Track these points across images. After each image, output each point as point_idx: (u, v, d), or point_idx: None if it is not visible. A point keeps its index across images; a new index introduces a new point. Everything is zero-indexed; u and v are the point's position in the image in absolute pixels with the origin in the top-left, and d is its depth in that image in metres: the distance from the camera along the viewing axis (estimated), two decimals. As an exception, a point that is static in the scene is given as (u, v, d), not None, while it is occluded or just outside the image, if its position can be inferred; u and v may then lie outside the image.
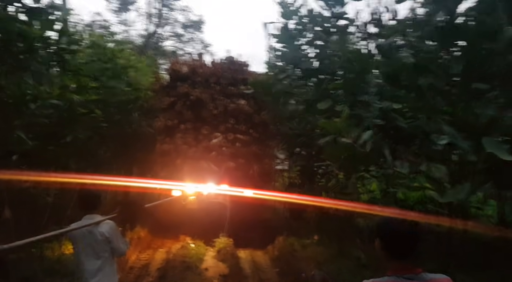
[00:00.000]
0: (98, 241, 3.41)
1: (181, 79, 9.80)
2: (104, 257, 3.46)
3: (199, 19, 25.49)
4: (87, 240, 3.42)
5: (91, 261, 3.43)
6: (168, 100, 9.60)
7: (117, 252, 3.56)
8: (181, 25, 25.59)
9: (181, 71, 9.93)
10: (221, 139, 9.38)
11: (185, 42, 25.84)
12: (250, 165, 9.45)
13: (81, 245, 3.44)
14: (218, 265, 7.16)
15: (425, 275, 1.77)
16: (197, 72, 9.94)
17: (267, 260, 8.18)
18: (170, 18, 25.38)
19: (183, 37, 25.85)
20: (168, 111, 9.60)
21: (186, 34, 25.86)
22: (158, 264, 7.29)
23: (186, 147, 9.26)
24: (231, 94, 9.81)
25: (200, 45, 25.71)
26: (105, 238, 3.42)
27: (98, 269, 3.43)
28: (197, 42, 25.91)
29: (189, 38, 25.85)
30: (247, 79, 10.08)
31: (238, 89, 9.86)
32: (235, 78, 10.05)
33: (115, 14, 23.64)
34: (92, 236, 3.40)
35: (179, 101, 9.59)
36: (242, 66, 10.35)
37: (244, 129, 9.63)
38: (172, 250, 7.99)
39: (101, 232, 3.40)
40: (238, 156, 9.38)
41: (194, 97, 9.49)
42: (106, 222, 3.45)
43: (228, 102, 9.62)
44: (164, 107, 9.58)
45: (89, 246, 3.42)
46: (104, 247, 3.44)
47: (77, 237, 3.45)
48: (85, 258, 3.43)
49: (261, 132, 9.81)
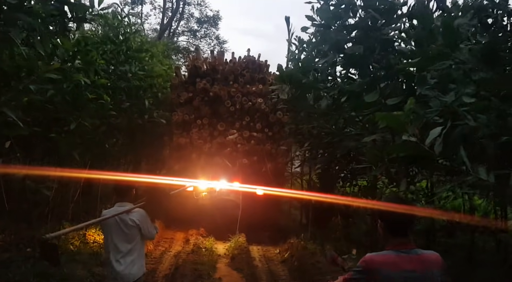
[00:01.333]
0: (129, 227, 3.56)
1: (200, 75, 9.42)
2: (134, 241, 3.61)
3: (215, 14, 24.11)
4: (119, 226, 3.56)
5: (122, 245, 3.57)
6: (186, 95, 9.24)
7: (146, 236, 3.75)
8: (196, 19, 24.25)
9: (202, 68, 9.55)
10: (237, 136, 9.00)
11: (200, 38, 24.48)
12: (264, 164, 9.08)
13: (113, 230, 3.57)
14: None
15: (417, 250, 2.01)
16: (216, 69, 9.59)
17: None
18: (186, 13, 24.08)
19: (198, 33, 24.49)
20: (186, 105, 9.26)
21: (201, 30, 24.51)
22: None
23: (201, 142, 8.95)
24: (248, 92, 9.46)
25: (215, 41, 24.40)
26: (136, 225, 3.57)
27: (129, 252, 3.58)
28: (212, 38, 24.55)
29: (204, 34, 24.48)
30: (265, 79, 9.73)
31: (256, 87, 9.48)
32: (253, 77, 9.70)
33: (129, 6, 22.57)
34: (123, 222, 3.55)
35: (197, 97, 9.24)
36: (261, 66, 9.99)
37: (259, 127, 9.28)
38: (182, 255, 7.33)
39: (132, 219, 3.56)
40: (252, 154, 9.05)
41: (213, 93, 9.10)
42: (136, 210, 3.62)
43: (245, 100, 9.25)
44: (181, 101, 9.19)
45: (121, 232, 3.57)
46: (135, 232, 3.60)
47: (109, 224, 3.58)
48: (117, 242, 3.56)
49: (276, 131, 9.47)
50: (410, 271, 1.92)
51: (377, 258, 2.01)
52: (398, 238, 2.01)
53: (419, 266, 1.94)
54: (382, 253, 2.02)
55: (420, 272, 1.93)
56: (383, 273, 1.93)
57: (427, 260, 1.98)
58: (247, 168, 8.83)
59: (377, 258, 2.01)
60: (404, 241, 2.00)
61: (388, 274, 1.92)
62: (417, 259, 1.97)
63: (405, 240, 2.01)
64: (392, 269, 1.93)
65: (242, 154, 8.98)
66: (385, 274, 1.93)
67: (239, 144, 9.01)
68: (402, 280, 1.91)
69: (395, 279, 1.91)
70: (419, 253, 1.99)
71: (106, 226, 3.63)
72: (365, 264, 2.01)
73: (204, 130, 9.15)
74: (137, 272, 3.63)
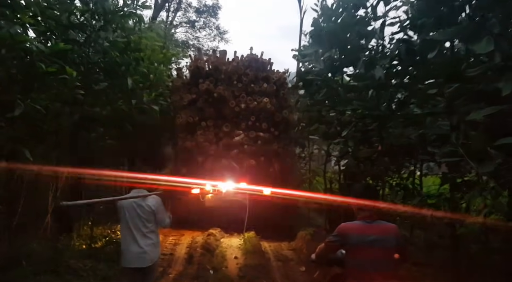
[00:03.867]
0: (145, 212, 3.70)
1: (203, 76, 9.20)
2: (149, 227, 3.73)
3: (214, 3, 22.77)
4: (135, 211, 3.69)
5: (139, 229, 3.69)
6: (190, 97, 9.01)
7: (161, 223, 3.85)
8: (194, 9, 22.86)
9: (204, 68, 9.32)
10: (243, 137, 8.81)
11: (199, 28, 23.10)
12: (271, 164, 8.88)
13: (130, 214, 3.70)
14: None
15: (380, 221, 2.70)
16: (220, 69, 9.34)
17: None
18: (183, 2, 22.68)
19: (197, 24, 23.07)
20: (189, 107, 9.02)
21: (200, 20, 23.09)
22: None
23: (207, 145, 8.71)
24: (253, 91, 9.22)
25: (215, 32, 23.05)
26: (152, 210, 3.71)
27: (145, 237, 3.69)
28: (212, 28, 23.12)
29: (203, 25, 23.07)
30: (269, 77, 9.49)
31: (260, 86, 9.25)
32: (257, 76, 9.45)
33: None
34: (140, 207, 3.69)
35: (200, 98, 9.01)
36: (265, 64, 9.74)
37: (265, 127, 9.06)
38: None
39: (148, 204, 3.70)
40: (259, 155, 8.83)
41: (217, 94, 8.89)
42: (152, 197, 3.77)
43: (250, 99, 9.03)
44: (185, 103, 8.99)
45: (137, 216, 3.69)
46: (150, 218, 3.73)
47: (125, 207, 3.70)
48: (132, 226, 3.68)
49: (282, 131, 9.26)
50: (372, 235, 2.61)
51: (348, 225, 2.71)
52: (364, 212, 2.71)
53: (378, 232, 2.63)
54: (352, 222, 2.74)
55: (379, 236, 2.61)
56: (352, 236, 2.64)
57: (385, 228, 2.68)
58: (255, 169, 8.64)
59: (348, 225, 2.71)
60: (368, 215, 2.69)
61: (355, 237, 2.63)
62: (377, 227, 2.66)
63: (369, 213, 2.69)
64: (358, 233, 2.63)
65: (249, 155, 8.74)
66: (354, 237, 2.63)
67: (245, 145, 8.79)
68: (366, 241, 2.60)
69: (360, 240, 2.61)
70: (380, 223, 2.69)
71: (123, 210, 3.74)
72: (340, 230, 2.71)
73: (209, 132, 8.88)
74: (153, 256, 3.74)
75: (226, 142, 8.80)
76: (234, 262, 6.28)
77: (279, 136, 9.18)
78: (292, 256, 6.98)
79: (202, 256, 6.36)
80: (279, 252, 7.30)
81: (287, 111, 9.16)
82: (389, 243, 2.61)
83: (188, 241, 7.72)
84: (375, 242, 2.58)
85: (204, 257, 6.32)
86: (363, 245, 2.59)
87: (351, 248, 2.65)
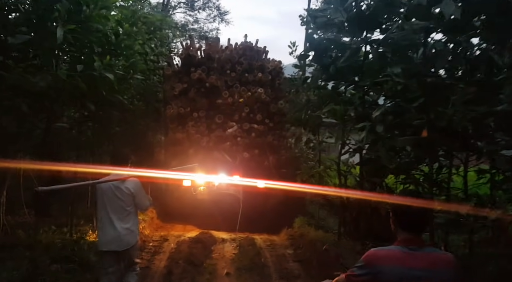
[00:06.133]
0: (124, 194, 3.63)
1: (195, 64, 8.76)
2: (128, 210, 3.67)
3: None
4: (114, 193, 3.62)
5: (116, 212, 3.63)
6: (181, 86, 8.58)
7: (140, 206, 3.83)
8: None
9: (196, 56, 8.89)
10: (236, 129, 8.43)
11: (198, 9, 21.87)
12: (266, 157, 8.53)
13: (108, 197, 3.63)
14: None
15: (428, 248, 1.86)
16: (212, 58, 8.90)
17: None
18: None
19: (196, 4, 21.89)
20: (180, 98, 8.60)
21: (199, 0, 21.86)
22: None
23: (199, 137, 8.32)
24: (247, 81, 8.81)
25: (215, 12, 21.87)
26: (131, 193, 3.65)
27: (123, 219, 3.64)
28: (212, 8, 21.90)
29: (203, 4, 21.87)
30: (264, 66, 9.07)
31: (254, 76, 8.84)
32: (251, 65, 9.02)
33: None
34: (118, 190, 3.62)
35: (192, 88, 8.58)
36: (260, 53, 9.31)
37: (260, 118, 8.67)
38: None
39: (127, 187, 3.64)
40: (253, 147, 8.47)
41: (209, 84, 8.48)
42: (131, 179, 3.68)
43: (244, 90, 8.62)
44: (176, 93, 8.57)
45: (116, 198, 3.63)
46: (129, 201, 3.67)
47: (104, 189, 3.64)
48: (110, 209, 3.63)
49: (277, 122, 8.89)
50: (416, 269, 1.78)
51: (381, 253, 1.88)
52: (407, 233, 1.89)
53: (425, 264, 1.79)
54: (387, 248, 1.89)
55: (426, 270, 1.78)
56: (386, 269, 1.81)
57: (436, 259, 1.84)
58: (249, 162, 8.31)
59: (380, 253, 1.88)
60: (413, 238, 1.87)
61: (392, 270, 1.80)
62: (425, 257, 1.82)
63: (414, 236, 1.87)
64: (397, 265, 1.80)
65: (243, 147, 8.38)
66: (388, 270, 1.80)
67: (239, 137, 8.41)
68: (406, 277, 1.78)
69: (398, 275, 1.78)
70: (428, 252, 1.85)
71: (100, 192, 3.68)
72: (368, 259, 1.88)
73: (201, 123, 8.47)
74: (132, 239, 3.71)
75: (219, 134, 8.42)
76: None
77: (274, 127, 8.82)
78: (298, 270, 5.49)
79: (184, 273, 5.09)
80: (283, 264, 5.78)
81: (283, 102, 8.78)
82: (442, 281, 1.81)
83: (171, 248, 6.44)
84: (421, 280, 1.78)
85: (187, 274, 5.05)
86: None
87: None
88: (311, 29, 5.17)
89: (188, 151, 8.28)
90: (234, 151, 8.32)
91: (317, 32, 5.11)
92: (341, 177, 6.35)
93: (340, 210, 6.51)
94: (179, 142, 8.36)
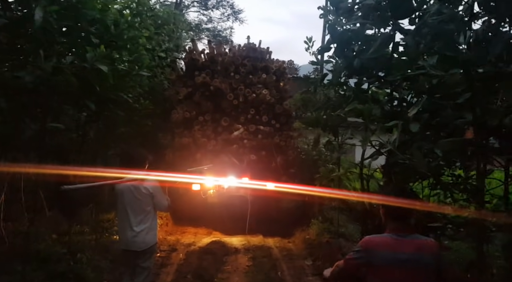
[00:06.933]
0: (143, 195, 3.66)
1: (199, 68, 8.73)
2: (147, 211, 3.70)
3: None
4: (132, 194, 3.65)
5: (136, 212, 3.66)
6: (185, 91, 8.56)
7: (159, 206, 3.81)
8: None
9: (200, 60, 8.86)
10: (242, 131, 8.39)
11: (212, 8, 21.68)
12: (273, 158, 8.48)
13: (127, 197, 3.66)
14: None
15: (415, 235, 2.14)
16: (216, 61, 8.87)
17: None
18: None
19: (209, 3, 21.66)
20: (186, 102, 8.58)
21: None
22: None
23: (205, 140, 8.28)
24: (251, 83, 8.76)
25: (229, 11, 21.63)
26: (149, 193, 3.67)
27: (141, 220, 3.66)
28: (226, 7, 21.65)
29: (216, 3, 21.61)
30: (268, 67, 9.02)
31: (258, 77, 8.79)
32: (255, 67, 8.97)
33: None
34: (137, 190, 3.65)
35: (197, 92, 8.55)
36: (263, 54, 9.25)
37: (265, 120, 8.62)
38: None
39: (146, 187, 3.67)
40: (260, 149, 8.42)
41: (214, 87, 8.44)
42: (150, 180, 3.71)
43: (249, 91, 8.58)
44: (181, 98, 8.55)
45: (135, 200, 3.66)
46: (148, 201, 3.70)
47: (123, 190, 3.67)
48: (129, 210, 3.66)
49: (283, 123, 8.83)
50: (403, 253, 2.07)
51: (375, 239, 2.17)
52: (396, 223, 2.17)
53: (412, 249, 2.08)
54: (380, 236, 2.19)
55: (412, 254, 2.07)
56: (380, 254, 2.10)
57: (421, 245, 2.10)
58: (256, 163, 8.26)
59: (375, 239, 2.17)
60: (401, 226, 2.15)
61: (383, 254, 2.09)
62: (411, 243, 2.10)
63: (402, 225, 2.15)
64: (388, 250, 2.09)
65: (250, 149, 8.33)
66: (381, 254, 2.10)
67: (245, 140, 8.38)
68: (395, 261, 2.06)
69: (389, 259, 2.07)
70: (414, 238, 2.13)
71: (119, 192, 3.70)
72: (364, 244, 2.17)
73: (207, 126, 8.43)
74: (151, 240, 3.73)
75: (225, 137, 8.39)
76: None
77: (280, 128, 8.77)
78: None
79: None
80: (301, 278, 5.44)
81: (288, 102, 8.72)
82: (426, 263, 2.06)
83: (179, 258, 6.17)
84: (408, 262, 2.05)
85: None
86: (393, 265, 2.06)
87: (376, 269, 2.11)
88: (331, 21, 4.55)
89: (195, 156, 8.26)
90: (241, 153, 8.28)
91: (339, 22, 4.31)
92: (363, 181, 5.62)
93: (361, 216, 6.02)
94: (185, 147, 8.34)
